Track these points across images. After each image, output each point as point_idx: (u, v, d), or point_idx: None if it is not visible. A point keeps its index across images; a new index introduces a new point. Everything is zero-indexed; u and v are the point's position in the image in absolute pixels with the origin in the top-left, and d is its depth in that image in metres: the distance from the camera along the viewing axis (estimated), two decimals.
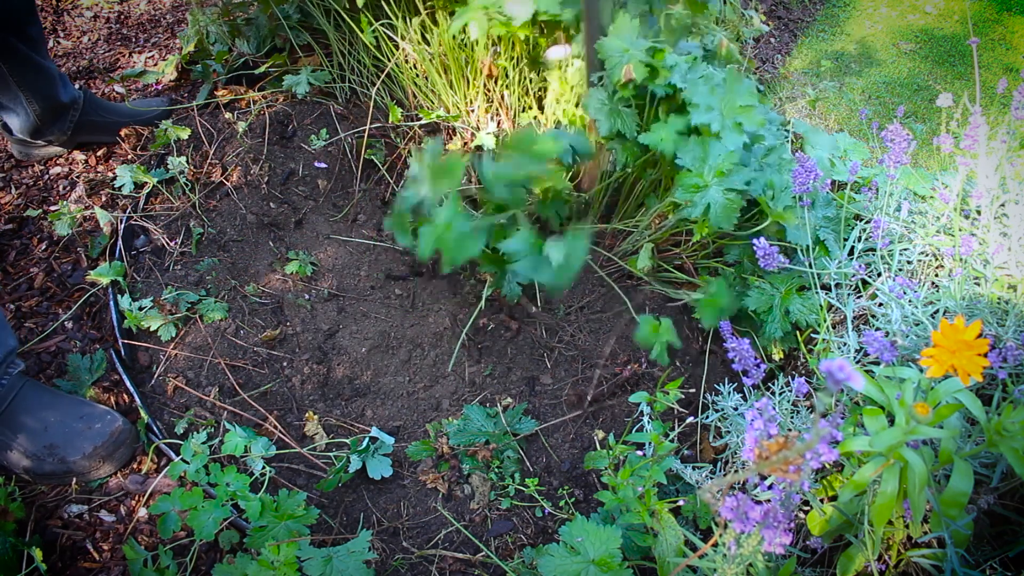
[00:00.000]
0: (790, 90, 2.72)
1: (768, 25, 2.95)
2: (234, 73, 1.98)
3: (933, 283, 1.27)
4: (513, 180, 1.15)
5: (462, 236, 1.08)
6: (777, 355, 1.43)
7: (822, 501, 1.05)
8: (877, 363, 1.16)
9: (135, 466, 1.31)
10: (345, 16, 1.78)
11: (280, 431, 1.38)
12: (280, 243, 1.69)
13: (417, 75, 1.87)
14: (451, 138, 1.91)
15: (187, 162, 1.71)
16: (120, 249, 1.58)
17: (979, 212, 1.26)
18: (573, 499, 1.34)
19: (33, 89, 1.60)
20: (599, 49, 1.35)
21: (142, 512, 1.25)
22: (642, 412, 1.25)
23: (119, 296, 1.48)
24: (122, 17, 2.39)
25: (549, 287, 1.25)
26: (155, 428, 1.34)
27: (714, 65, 1.54)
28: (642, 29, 1.39)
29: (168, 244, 1.60)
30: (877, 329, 1.18)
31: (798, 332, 1.39)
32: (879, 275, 1.30)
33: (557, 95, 1.64)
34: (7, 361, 1.24)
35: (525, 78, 1.74)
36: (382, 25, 1.77)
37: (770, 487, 0.81)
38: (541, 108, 1.80)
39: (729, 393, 1.26)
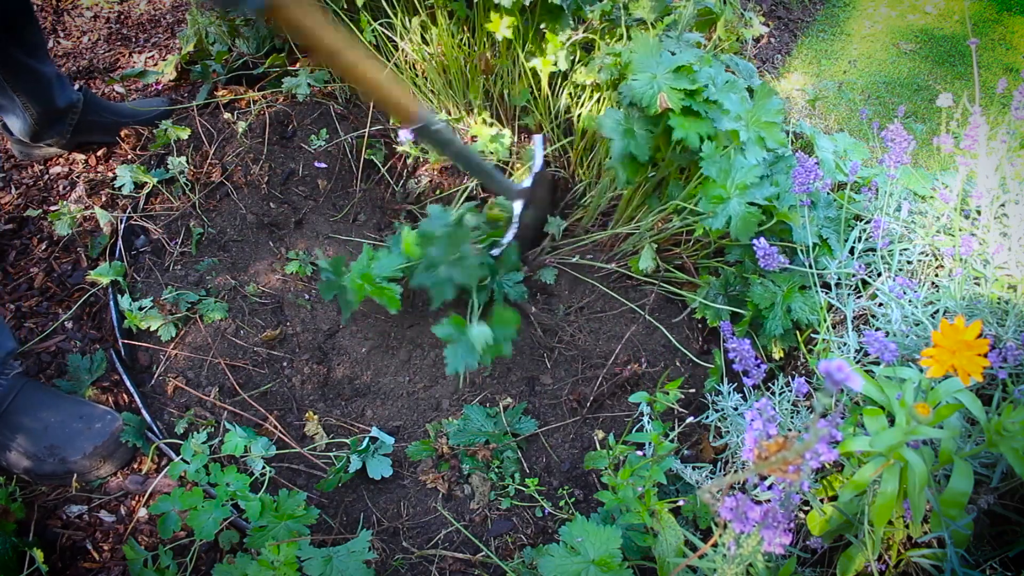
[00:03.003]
0: (790, 90, 2.72)
1: (768, 26, 2.95)
2: (234, 73, 1.98)
3: (933, 283, 1.27)
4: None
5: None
6: (777, 354, 1.43)
7: (822, 501, 1.05)
8: (877, 363, 1.16)
9: (135, 466, 1.31)
10: (344, 16, 1.78)
11: (280, 431, 1.38)
12: (280, 243, 1.69)
13: (416, 75, 1.87)
14: None
15: (187, 162, 1.71)
16: (120, 249, 1.58)
17: (979, 212, 1.26)
18: (573, 499, 1.34)
19: (29, 94, 1.60)
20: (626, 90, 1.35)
21: (142, 512, 1.25)
22: (642, 412, 1.25)
23: (119, 296, 1.48)
24: (122, 17, 2.39)
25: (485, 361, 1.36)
26: (155, 428, 1.34)
27: (719, 60, 1.55)
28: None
29: (168, 244, 1.60)
30: (877, 329, 1.18)
31: (798, 331, 1.39)
32: (879, 275, 1.30)
33: None
34: (4, 362, 1.24)
35: (527, 75, 1.74)
36: (381, 25, 1.77)
37: (770, 487, 0.81)
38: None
39: (729, 393, 1.26)
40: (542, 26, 1.67)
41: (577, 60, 1.70)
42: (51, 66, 1.63)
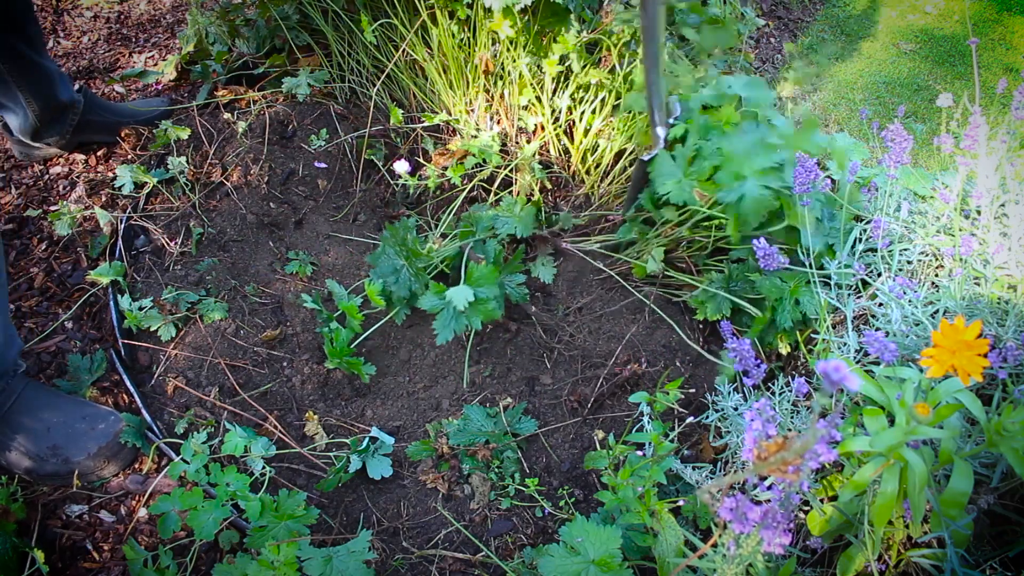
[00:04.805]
0: (790, 90, 2.72)
1: (768, 25, 2.95)
2: (234, 73, 1.98)
3: (933, 283, 1.27)
4: None
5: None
6: (784, 349, 1.43)
7: (822, 501, 1.05)
8: (877, 363, 1.16)
9: (135, 466, 1.31)
10: (344, 16, 1.78)
11: (280, 431, 1.38)
12: (280, 243, 1.69)
13: (417, 75, 1.87)
14: (452, 137, 1.91)
15: (187, 162, 1.71)
16: (120, 249, 1.58)
17: (979, 212, 1.26)
18: (573, 499, 1.34)
19: (32, 89, 1.60)
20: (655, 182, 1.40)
21: (142, 512, 1.25)
22: (642, 412, 1.25)
23: (119, 296, 1.48)
24: (122, 17, 2.39)
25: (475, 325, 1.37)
26: (155, 428, 1.34)
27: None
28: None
29: (168, 244, 1.60)
30: (877, 329, 1.18)
31: (799, 331, 1.39)
32: (879, 275, 1.30)
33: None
34: (14, 361, 1.24)
35: (528, 75, 1.74)
36: (381, 25, 1.77)
37: (769, 487, 0.81)
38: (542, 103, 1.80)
39: (729, 393, 1.26)
40: (546, 28, 1.66)
41: (580, 60, 1.70)
42: (51, 61, 1.64)
